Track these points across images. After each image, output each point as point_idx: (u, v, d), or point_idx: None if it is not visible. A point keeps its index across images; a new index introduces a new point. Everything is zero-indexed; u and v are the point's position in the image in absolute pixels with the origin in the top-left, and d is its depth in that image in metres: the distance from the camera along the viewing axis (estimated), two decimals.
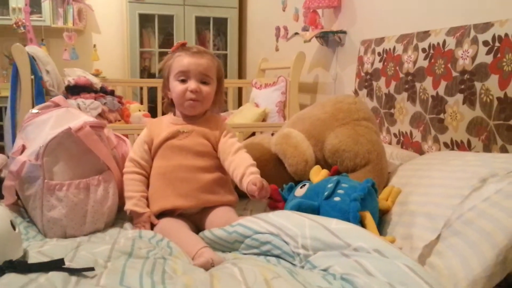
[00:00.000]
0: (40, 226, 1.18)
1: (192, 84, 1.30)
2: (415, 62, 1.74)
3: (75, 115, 1.35)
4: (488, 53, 1.42)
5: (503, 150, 1.36)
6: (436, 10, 1.84)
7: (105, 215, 1.23)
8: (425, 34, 1.72)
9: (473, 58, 1.47)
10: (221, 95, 1.41)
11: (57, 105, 1.43)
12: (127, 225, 1.28)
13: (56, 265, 0.87)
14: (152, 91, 3.58)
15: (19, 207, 1.30)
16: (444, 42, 1.60)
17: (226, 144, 1.32)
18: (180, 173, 1.27)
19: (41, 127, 1.29)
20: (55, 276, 0.84)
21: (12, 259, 0.87)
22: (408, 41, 1.80)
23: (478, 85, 1.45)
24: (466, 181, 1.08)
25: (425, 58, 1.69)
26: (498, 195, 0.99)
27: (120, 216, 1.33)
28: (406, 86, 1.79)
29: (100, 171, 1.24)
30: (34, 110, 1.40)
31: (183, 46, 1.36)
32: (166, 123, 1.36)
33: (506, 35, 1.36)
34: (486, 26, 1.45)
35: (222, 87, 1.41)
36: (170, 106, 1.41)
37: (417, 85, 1.72)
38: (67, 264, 0.90)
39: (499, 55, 1.38)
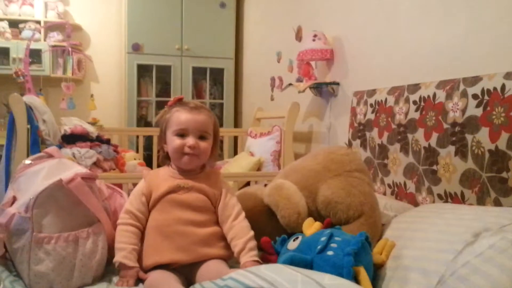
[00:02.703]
0: (26, 281, 1.15)
1: (190, 140, 1.31)
2: (406, 114, 1.77)
3: (68, 166, 1.35)
4: (477, 106, 1.45)
5: (497, 202, 1.35)
6: (426, 64, 1.89)
7: (93, 269, 1.20)
8: (416, 87, 1.76)
9: (463, 111, 1.49)
10: (217, 149, 1.43)
11: (50, 156, 1.44)
12: (116, 279, 1.25)
13: None
14: (148, 139, 3.60)
15: (7, 260, 1.27)
16: (435, 94, 1.64)
17: (227, 206, 1.35)
18: (177, 227, 1.28)
19: (33, 178, 1.29)
20: None
21: None
22: (399, 93, 1.84)
23: (469, 137, 1.46)
24: (459, 236, 1.07)
25: (416, 110, 1.72)
26: (491, 251, 0.98)
27: (110, 269, 1.30)
28: (399, 137, 1.81)
29: (90, 224, 1.23)
30: (27, 161, 1.40)
31: (180, 101, 1.39)
32: (165, 176, 1.37)
33: (495, 88, 1.39)
34: (475, 79, 1.48)
35: (218, 141, 1.43)
36: (165, 159, 1.42)
37: (409, 136, 1.74)
38: None
39: (488, 108, 1.40)
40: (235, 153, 3.66)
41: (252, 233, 1.32)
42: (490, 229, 1.04)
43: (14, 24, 4.35)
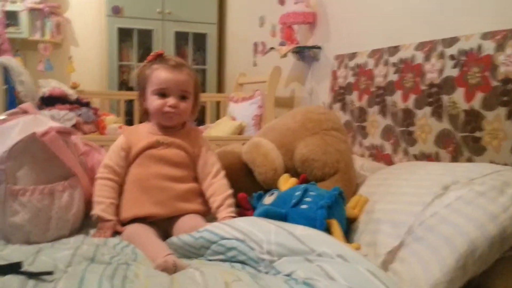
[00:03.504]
0: (2, 231, 1.16)
1: (171, 100, 1.31)
2: (385, 76, 1.78)
3: (43, 122, 1.33)
4: (454, 66, 1.46)
5: (470, 161, 1.38)
6: (406, 26, 1.89)
7: (70, 222, 1.21)
8: (395, 49, 1.76)
9: (441, 72, 1.51)
10: (197, 107, 1.43)
11: (25, 112, 1.41)
12: (93, 231, 1.26)
13: (13, 268, 0.85)
14: (129, 105, 3.56)
15: None
16: (413, 56, 1.64)
17: (206, 164, 1.36)
18: (156, 181, 1.29)
19: (7, 133, 1.27)
20: (11, 279, 0.82)
21: None
22: (379, 56, 1.84)
23: (445, 98, 1.48)
24: (429, 188, 1.10)
25: (395, 72, 1.73)
26: (459, 202, 1.01)
27: (87, 223, 1.30)
28: (378, 99, 1.82)
29: (66, 177, 1.23)
30: (1, 117, 1.38)
31: (160, 57, 1.37)
32: (144, 132, 1.37)
33: (471, 49, 1.40)
34: (453, 40, 1.49)
35: (199, 99, 1.43)
36: (145, 115, 1.42)
37: (388, 98, 1.75)
38: (26, 268, 0.88)
39: (464, 69, 1.42)
40: (218, 118, 3.65)
41: (230, 191, 1.34)
42: (458, 182, 1.07)
43: None
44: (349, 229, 1.24)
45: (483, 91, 1.35)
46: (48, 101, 2.62)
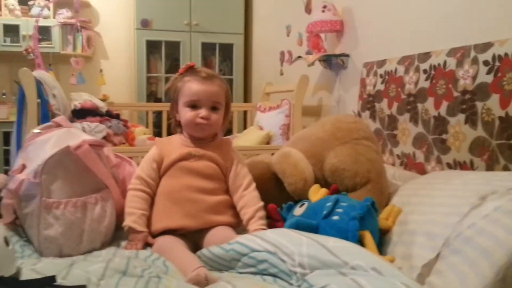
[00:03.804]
0: (36, 245, 1.18)
1: (203, 112, 1.32)
2: (416, 83, 1.74)
3: (76, 135, 1.36)
4: (488, 72, 1.42)
5: (506, 169, 1.34)
6: (436, 31, 1.85)
7: (102, 234, 1.22)
8: (426, 55, 1.73)
9: (474, 78, 1.47)
10: (228, 118, 1.44)
11: (58, 125, 1.45)
12: (124, 243, 1.27)
13: (47, 282, 0.87)
14: (158, 117, 3.61)
15: (17, 226, 1.30)
16: (445, 62, 1.61)
17: (238, 176, 1.36)
18: (187, 193, 1.29)
19: (42, 146, 1.30)
20: None
21: (4, 275, 0.86)
22: (410, 62, 1.81)
23: (479, 104, 1.44)
24: (465, 199, 1.06)
25: (426, 79, 1.69)
26: (497, 212, 0.97)
27: (119, 235, 1.32)
28: (408, 107, 1.78)
29: (98, 190, 1.24)
30: (36, 130, 1.41)
31: (191, 69, 1.38)
32: (177, 144, 1.38)
33: (506, 54, 1.36)
34: (486, 46, 1.45)
35: (229, 111, 1.44)
36: (177, 127, 1.43)
37: (419, 106, 1.72)
38: (59, 281, 0.89)
39: (499, 74, 1.38)
40: (245, 128, 3.65)
41: (262, 203, 1.33)
42: (496, 191, 1.04)
43: (23, 1, 4.35)
44: (382, 240, 1.21)
45: None
46: (80, 114, 2.68)
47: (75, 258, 1.11)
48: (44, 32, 4.06)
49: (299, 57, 2.77)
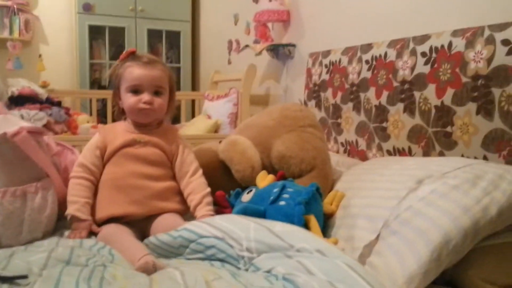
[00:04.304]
0: None
1: (145, 96, 1.30)
2: (359, 73, 1.80)
3: (13, 122, 1.30)
4: (426, 63, 1.49)
5: (441, 155, 1.42)
6: (378, 23, 1.92)
7: (43, 224, 1.18)
8: (368, 47, 1.79)
9: (412, 69, 1.54)
10: (173, 103, 1.42)
11: None
12: (68, 233, 1.23)
13: None
14: (102, 103, 3.50)
15: None
16: (386, 53, 1.67)
17: (184, 162, 1.35)
18: (132, 180, 1.27)
19: None
20: None
21: None
22: (353, 53, 1.87)
23: (417, 94, 1.51)
24: (403, 183, 1.12)
25: (368, 69, 1.75)
26: (433, 195, 1.03)
27: (61, 224, 1.28)
28: (352, 96, 1.84)
29: (38, 179, 1.20)
30: None
31: (132, 55, 1.35)
32: (121, 130, 1.35)
33: (442, 46, 1.44)
34: (424, 38, 1.52)
35: (174, 95, 1.41)
36: (121, 114, 1.40)
37: (362, 95, 1.78)
38: None
39: (436, 65, 1.45)
40: (193, 116, 3.63)
41: (209, 189, 1.33)
42: (432, 176, 1.10)
43: None
44: (326, 224, 1.25)
45: (454, 87, 1.38)
46: (18, 101, 2.55)
47: (15, 248, 1.07)
48: None
49: (247, 46, 2.78)
